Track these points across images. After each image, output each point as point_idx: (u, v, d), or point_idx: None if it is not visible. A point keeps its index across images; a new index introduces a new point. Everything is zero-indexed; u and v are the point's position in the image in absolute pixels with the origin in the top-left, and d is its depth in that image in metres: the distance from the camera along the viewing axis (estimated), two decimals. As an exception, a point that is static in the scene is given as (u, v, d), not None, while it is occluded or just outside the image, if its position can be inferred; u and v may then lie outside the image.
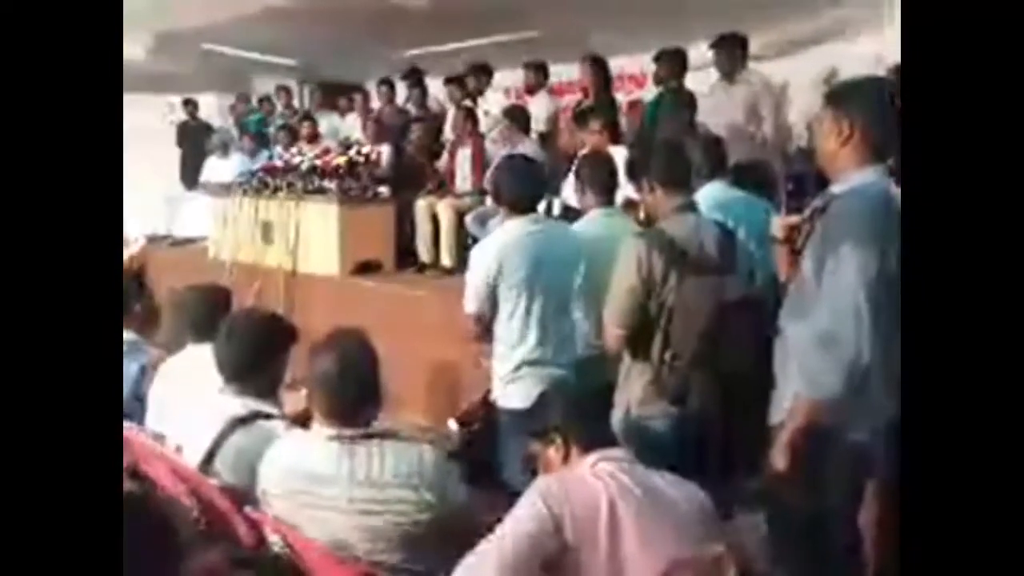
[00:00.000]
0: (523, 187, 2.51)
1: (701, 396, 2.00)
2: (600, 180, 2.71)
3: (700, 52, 4.59)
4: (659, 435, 2.07)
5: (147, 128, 6.86)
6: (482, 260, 2.45)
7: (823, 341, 1.59)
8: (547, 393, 2.35)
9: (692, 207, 2.23)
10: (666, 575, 1.39)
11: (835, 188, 1.71)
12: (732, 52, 4.29)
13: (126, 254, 5.60)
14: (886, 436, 1.58)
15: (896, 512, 1.10)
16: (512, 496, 1.56)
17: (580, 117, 4.08)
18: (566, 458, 1.62)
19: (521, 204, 2.48)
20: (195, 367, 2.20)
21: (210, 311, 2.36)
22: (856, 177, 1.67)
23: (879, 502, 1.83)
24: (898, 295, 1.52)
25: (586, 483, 1.50)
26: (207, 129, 7.37)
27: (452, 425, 2.49)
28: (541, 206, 2.72)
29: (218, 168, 6.70)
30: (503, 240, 2.44)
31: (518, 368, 2.43)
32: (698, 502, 1.55)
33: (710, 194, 2.78)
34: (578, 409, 1.70)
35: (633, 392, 2.14)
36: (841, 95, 1.74)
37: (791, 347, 1.73)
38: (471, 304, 2.47)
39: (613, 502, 1.46)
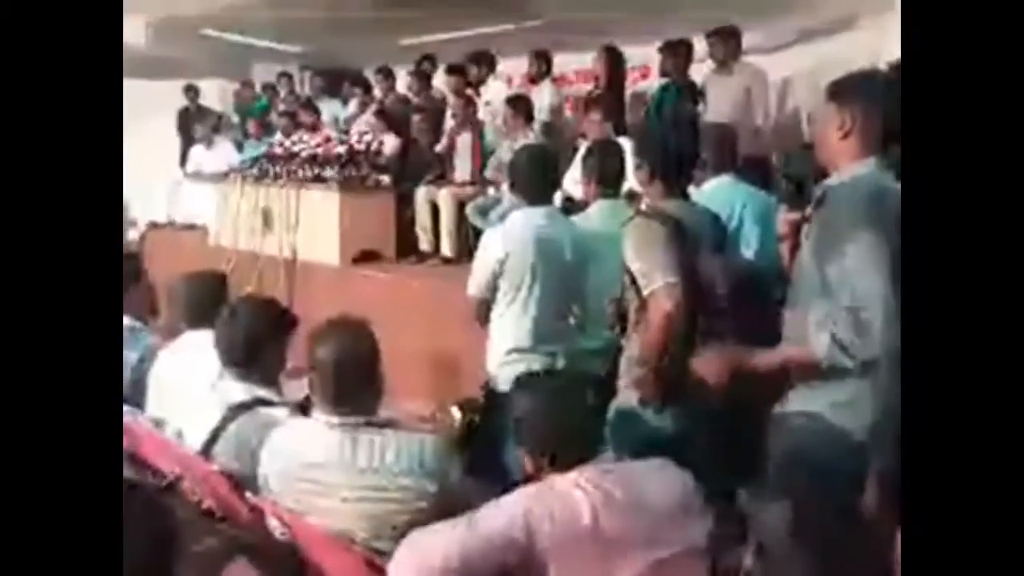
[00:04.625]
0: (540, 177, 2.55)
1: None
2: (607, 170, 2.71)
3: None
4: (655, 424, 2.07)
5: (150, 113, 6.84)
6: (491, 247, 2.50)
7: (846, 322, 1.57)
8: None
9: (684, 195, 2.24)
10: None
11: (832, 180, 1.71)
12: (727, 43, 4.37)
13: (126, 239, 5.60)
14: (888, 430, 1.57)
15: (896, 504, 1.10)
16: (512, 485, 1.56)
17: (586, 107, 4.09)
18: (553, 461, 1.55)
19: (537, 194, 2.53)
20: (194, 353, 2.20)
21: (206, 297, 2.37)
22: (853, 168, 1.67)
23: (879, 494, 1.83)
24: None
25: (571, 497, 1.45)
26: (209, 116, 7.36)
27: (454, 412, 2.50)
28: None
29: (204, 157, 6.71)
30: (512, 230, 2.50)
31: (509, 354, 2.48)
32: (680, 485, 1.53)
33: (717, 187, 2.77)
34: (560, 433, 1.56)
35: (635, 379, 2.12)
36: (844, 88, 1.74)
37: (794, 338, 1.72)
38: (473, 288, 2.54)
39: (596, 513, 1.42)
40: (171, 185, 6.94)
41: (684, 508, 1.52)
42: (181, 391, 2.15)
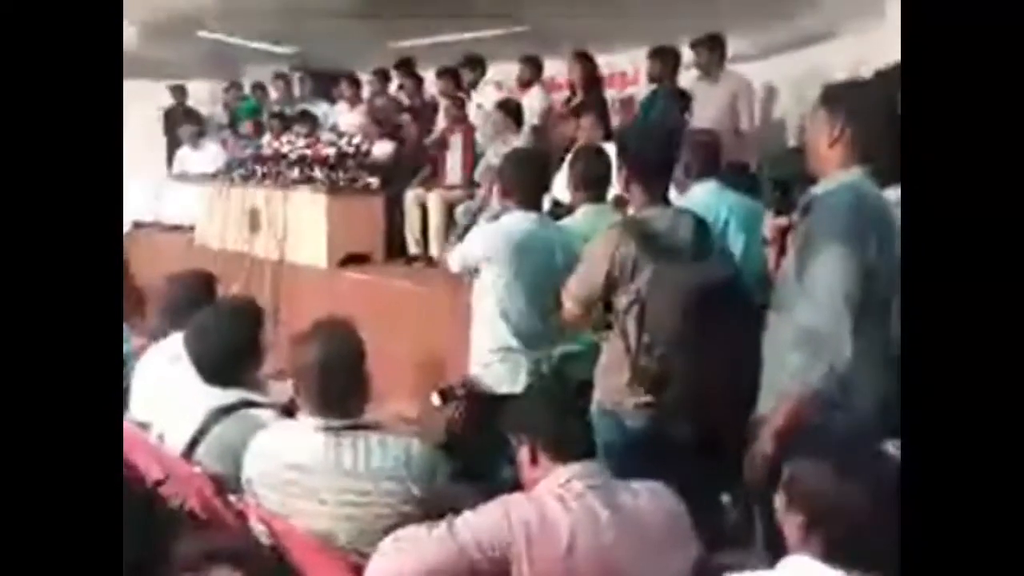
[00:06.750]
0: (530, 181, 2.58)
1: (681, 384, 1.99)
2: (593, 175, 2.72)
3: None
4: (635, 429, 2.07)
5: (136, 114, 6.79)
6: (475, 245, 2.57)
7: (805, 338, 1.61)
8: (519, 393, 2.35)
9: (665, 200, 2.23)
10: None
11: (818, 188, 1.73)
12: (712, 51, 4.41)
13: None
14: (870, 435, 1.59)
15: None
16: (496, 490, 1.56)
17: (575, 112, 4.11)
18: (534, 461, 1.55)
19: (526, 198, 2.56)
20: (179, 355, 2.19)
21: (192, 298, 2.35)
22: (839, 177, 1.69)
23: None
24: (879, 293, 1.58)
25: (550, 510, 1.43)
26: (195, 117, 7.32)
27: (435, 399, 2.49)
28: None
29: (191, 158, 6.68)
30: (498, 234, 2.52)
31: (493, 353, 2.52)
32: (666, 510, 1.51)
33: (702, 193, 2.78)
34: (544, 414, 1.60)
35: (610, 384, 2.13)
36: (835, 95, 1.75)
37: (776, 343, 1.75)
38: (455, 265, 2.65)
39: (574, 532, 1.41)
40: (157, 185, 6.89)
41: (672, 535, 1.50)
42: (165, 394, 2.13)
